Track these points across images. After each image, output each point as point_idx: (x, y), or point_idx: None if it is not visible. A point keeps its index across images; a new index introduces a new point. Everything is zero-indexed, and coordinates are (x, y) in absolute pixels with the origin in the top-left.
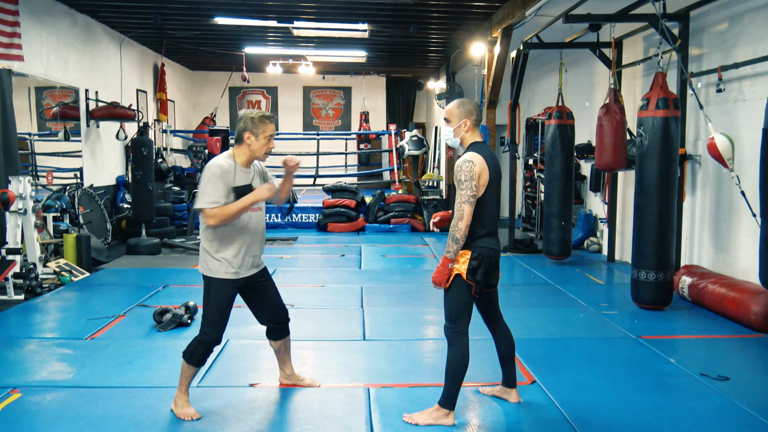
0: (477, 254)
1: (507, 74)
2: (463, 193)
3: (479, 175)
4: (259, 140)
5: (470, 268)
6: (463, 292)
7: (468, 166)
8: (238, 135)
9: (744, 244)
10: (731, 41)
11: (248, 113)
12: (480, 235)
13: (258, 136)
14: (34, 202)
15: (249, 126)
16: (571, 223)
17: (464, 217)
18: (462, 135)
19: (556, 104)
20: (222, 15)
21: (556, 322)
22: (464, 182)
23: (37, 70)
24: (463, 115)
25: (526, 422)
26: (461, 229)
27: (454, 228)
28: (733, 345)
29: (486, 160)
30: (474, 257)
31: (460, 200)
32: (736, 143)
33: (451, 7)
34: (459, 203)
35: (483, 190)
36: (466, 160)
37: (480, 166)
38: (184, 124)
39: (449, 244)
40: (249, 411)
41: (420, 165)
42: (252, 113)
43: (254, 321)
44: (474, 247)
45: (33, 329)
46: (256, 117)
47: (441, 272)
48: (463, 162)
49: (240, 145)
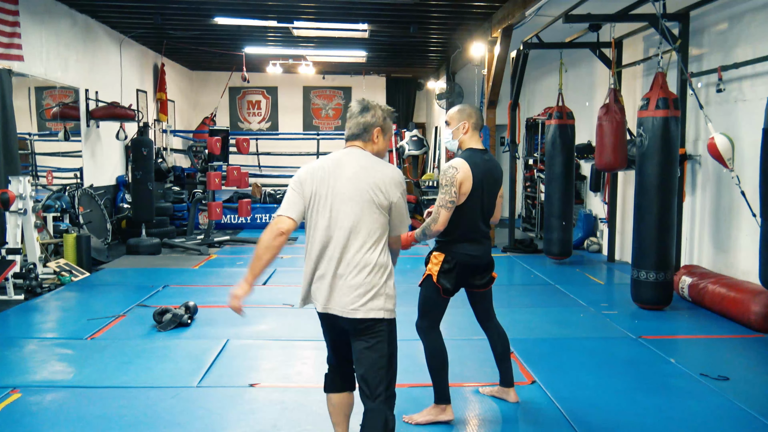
0: (450, 258)
1: (507, 74)
2: (441, 197)
3: (461, 183)
4: (388, 138)
5: (441, 270)
6: (431, 291)
7: (451, 172)
8: (367, 128)
9: (744, 244)
10: (731, 41)
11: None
12: (457, 241)
13: (386, 133)
14: (34, 202)
15: (379, 121)
16: (571, 223)
17: (438, 221)
18: (460, 138)
19: (556, 104)
20: (222, 15)
21: (556, 322)
22: (444, 187)
23: (37, 70)
24: (462, 118)
25: (525, 422)
26: (433, 231)
27: (427, 227)
28: (733, 345)
29: (473, 168)
30: (447, 260)
31: (438, 203)
32: (736, 143)
33: (451, 7)
34: (437, 206)
35: (464, 198)
36: (451, 166)
37: (464, 174)
38: (184, 124)
39: (420, 228)
40: (249, 411)
41: (420, 165)
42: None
43: (254, 321)
44: (450, 252)
45: (33, 329)
46: (386, 111)
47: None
48: (448, 167)
49: (367, 143)
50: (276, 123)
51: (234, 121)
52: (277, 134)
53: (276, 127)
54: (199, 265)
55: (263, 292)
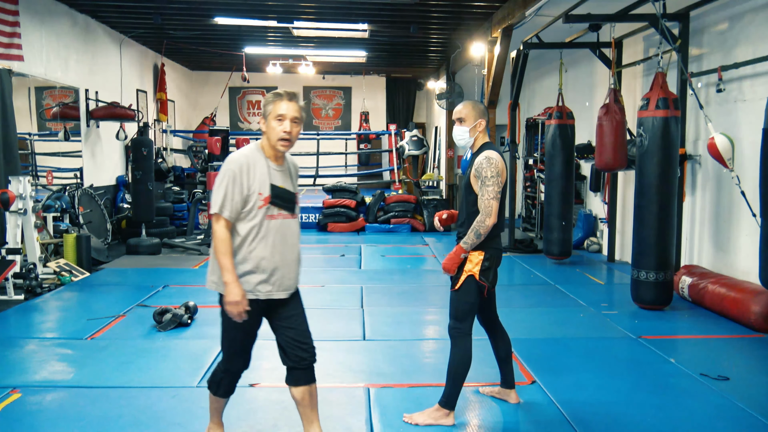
0: (489, 255)
1: (507, 74)
2: (489, 189)
3: (502, 172)
4: (268, 122)
5: (483, 269)
6: (473, 292)
7: (492, 162)
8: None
9: (744, 244)
10: (731, 41)
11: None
12: (494, 235)
13: (266, 118)
14: (34, 202)
15: (263, 110)
16: (571, 223)
17: (492, 214)
18: (476, 135)
19: (556, 104)
20: (222, 15)
21: (556, 322)
22: (491, 178)
23: (37, 70)
24: (479, 116)
25: (525, 422)
26: (487, 225)
27: (480, 224)
28: (733, 345)
29: (503, 159)
30: (487, 258)
31: (487, 197)
32: (736, 143)
33: (451, 7)
34: (487, 200)
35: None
36: (488, 157)
37: (502, 163)
38: (184, 124)
39: (470, 236)
40: (249, 411)
41: (420, 165)
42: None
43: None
44: (487, 248)
45: (33, 329)
46: (269, 95)
47: (453, 259)
48: (485, 159)
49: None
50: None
51: (234, 121)
52: None
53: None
54: (199, 265)
55: None
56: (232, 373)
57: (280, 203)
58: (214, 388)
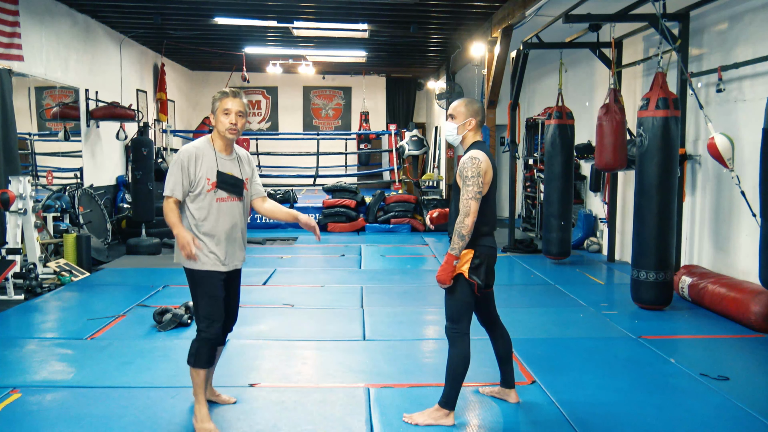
0: (479, 253)
1: (507, 74)
2: (469, 189)
3: (485, 172)
4: (217, 116)
5: (473, 266)
6: (465, 291)
7: (475, 162)
8: None
9: (744, 244)
10: (731, 41)
11: None
12: (482, 233)
13: (215, 113)
14: (34, 202)
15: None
16: (570, 223)
17: (470, 214)
18: (465, 133)
19: (556, 104)
20: (222, 15)
21: (556, 322)
22: (471, 178)
23: (37, 70)
24: (469, 114)
25: (525, 422)
26: (467, 225)
27: (460, 224)
28: (733, 345)
29: (489, 159)
30: (476, 255)
31: (466, 196)
32: (736, 143)
33: (451, 7)
34: (465, 199)
35: (487, 188)
36: (472, 157)
37: (485, 164)
38: (184, 124)
39: (454, 241)
40: (249, 411)
41: (420, 165)
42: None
43: (254, 321)
44: (476, 246)
45: (33, 329)
46: (216, 94)
47: (446, 270)
48: (468, 159)
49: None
50: (276, 123)
51: None
52: (277, 134)
53: (276, 127)
54: None
55: (263, 292)
56: (210, 340)
57: (226, 187)
58: (194, 360)
